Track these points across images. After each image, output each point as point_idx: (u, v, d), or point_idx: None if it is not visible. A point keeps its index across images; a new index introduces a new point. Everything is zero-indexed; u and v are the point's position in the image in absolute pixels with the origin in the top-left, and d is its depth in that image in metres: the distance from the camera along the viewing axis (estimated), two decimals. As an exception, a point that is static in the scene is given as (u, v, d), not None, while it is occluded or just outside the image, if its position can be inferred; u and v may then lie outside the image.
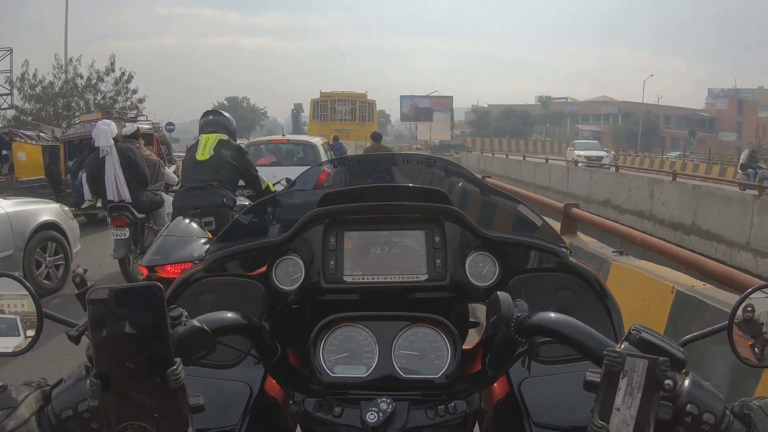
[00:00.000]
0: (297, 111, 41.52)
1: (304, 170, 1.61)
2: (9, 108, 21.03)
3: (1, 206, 5.43)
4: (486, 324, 1.03)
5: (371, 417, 0.88)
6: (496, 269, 1.18)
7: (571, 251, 1.23)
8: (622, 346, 0.69)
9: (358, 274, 1.15)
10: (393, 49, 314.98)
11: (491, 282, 1.17)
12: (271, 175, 5.42)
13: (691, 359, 0.72)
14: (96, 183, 5.77)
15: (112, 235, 5.52)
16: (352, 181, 1.70)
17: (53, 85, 22.23)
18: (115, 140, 5.72)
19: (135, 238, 5.71)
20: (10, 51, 20.65)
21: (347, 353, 0.97)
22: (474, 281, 1.17)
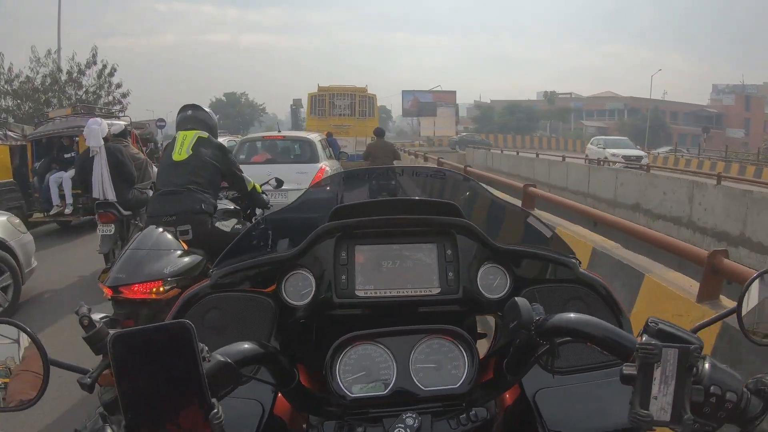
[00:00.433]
0: (296, 107, 40.25)
1: (309, 186, 1.77)
2: None
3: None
4: (494, 336, 1.37)
5: None
6: (507, 281, 1.19)
7: (581, 262, 1.24)
8: (644, 339, 0.71)
9: (370, 288, 1.15)
10: (393, 46, 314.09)
11: (503, 294, 1.17)
12: (266, 173, 5.23)
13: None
14: (84, 180, 6.02)
15: (99, 231, 5.54)
16: (362, 194, 1.68)
17: (31, 80, 20.73)
18: (105, 139, 5.92)
19: (121, 235, 5.69)
20: None
21: (363, 372, 0.96)
22: (485, 293, 1.17)
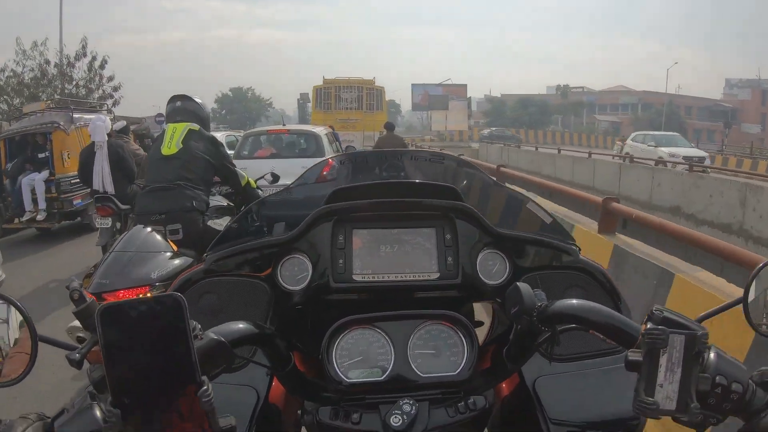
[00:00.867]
0: (303, 101, 39.25)
1: (310, 167, 1.58)
2: None
3: None
4: (492, 323, 1.34)
5: (396, 420, 0.87)
6: (506, 267, 1.17)
7: (580, 248, 1.23)
8: (648, 326, 0.69)
9: (368, 272, 1.13)
10: (401, 40, 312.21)
11: (502, 280, 1.16)
12: (270, 168, 5.07)
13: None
14: (85, 173, 6.25)
15: (97, 224, 5.70)
16: (360, 177, 1.62)
17: (18, 74, 19.59)
18: (108, 135, 6.21)
19: (121, 230, 5.71)
20: None
21: (360, 357, 0.95)
22: (484, 279, 1.16)
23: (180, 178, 3.39)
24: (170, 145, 3.49)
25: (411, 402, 0.88)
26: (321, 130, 9.42)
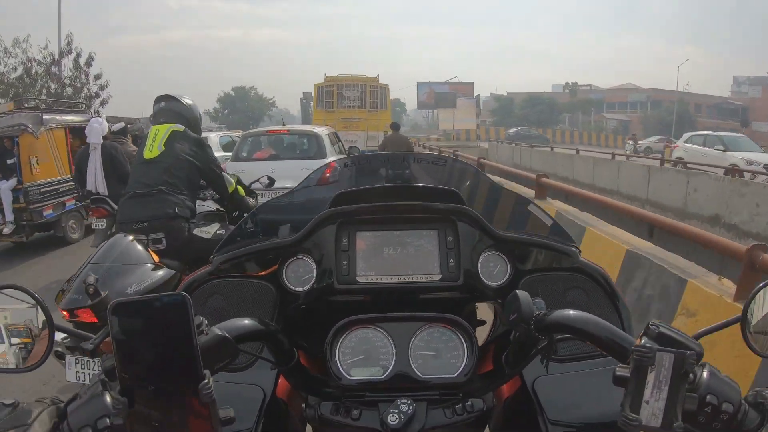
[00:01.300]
0: (307, 100, 38.45)
1: (315, 170, 1.59)
2: None
3: None
4: (494, 323, 1.36)
5: (392, 419, 0.88)
6: (507, 269, 1.17)
7: (581, 250, 1.23)
8: (642, 341, 0.69)
9: (371, 274, 1.14)
10: (405, 39, 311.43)
11: (502, 281, 1.17)
12: (269, 170, 4.95)
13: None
14: (80, 174, 6.34)
15: (92, 225, 5.58)
16: (363, 180, 1.65)
17: (3, 74, 18.54)
18: (104, 138, 6.33)
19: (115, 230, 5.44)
20: None
21: (363, 355, 0.97)
22: (486, 281, 1.16)
23: (162, 182, 3.13)
24: (152, 148, 3.24)
25: (408, 402, 0.90)
26: (323, 131, 8.91)
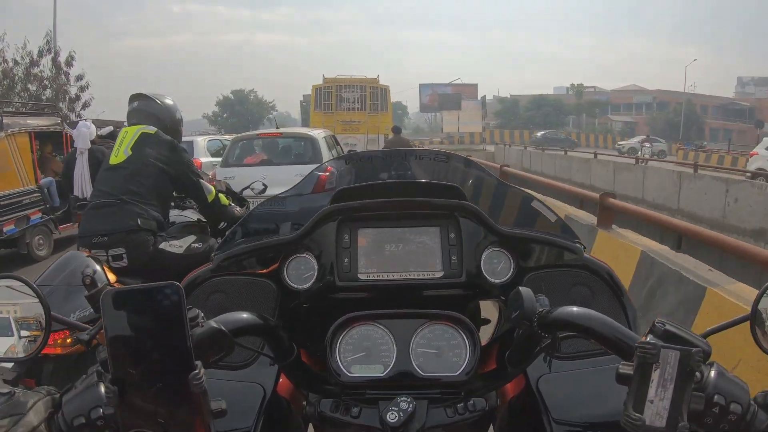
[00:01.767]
0: (306, 103, 37.52)
1: (307, 174, 1.57)
2: None
3: None
4: (498, 321, 1.33)
5: (392, 417, 0.88)
6: (510, 265, 1.16)
7: (585, 246, 1.21)
8: (648, 338, 0.67)
9: (373, 271, 1.14)
10: (406, 43, 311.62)
11: (506, 278, 1.15)
12: (261, 176, 4.46)
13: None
14: (67, 179, 6.58)
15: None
16: (364, 178, 1.59)
17: None
18: (92, 142, 6.44)
19: None
20: None
21: (364, 352, 0.96)
22: (489, 278, 1.15)
23: (125, 191, 2.83)
24: (118, 153, 2.93)
25: (408, 399, 0.89)
26: (318, 134, 8.46)
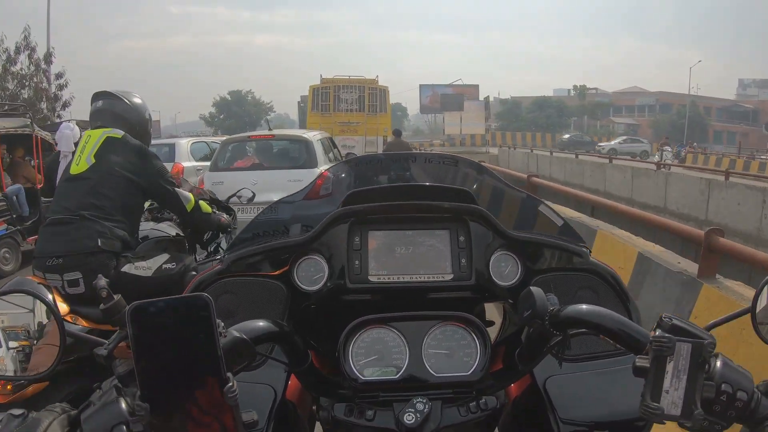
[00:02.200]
0: (304, 104, 36.81)
1: (320, 173, 1.57)
2: None
3: None
4: (502, 323, 1.37)
5: (409, 418, 0.88)
6: (518, 269, 1.18)
7: (590, 250, 1.23)
8: (657, 333, 0.70)
9: (383, 273, 1.14)
10: (405, 44, 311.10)
11: (514, 281, 1.17)
12: (251, 182, 4.48)
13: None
14: (50, 183, 6.23)
15: None
16: (373, 180, 1.63)
17: None
18: (76, 144, 5.58)
19: None
20: None
21: (376, 355, 0.97)
22: (497, 281, 1.17)
23: (86, 206, 2.37)
24: (79, 161, 2.47)
25: (424, 401, 0.90)
26: (314, 136, 7.93)
